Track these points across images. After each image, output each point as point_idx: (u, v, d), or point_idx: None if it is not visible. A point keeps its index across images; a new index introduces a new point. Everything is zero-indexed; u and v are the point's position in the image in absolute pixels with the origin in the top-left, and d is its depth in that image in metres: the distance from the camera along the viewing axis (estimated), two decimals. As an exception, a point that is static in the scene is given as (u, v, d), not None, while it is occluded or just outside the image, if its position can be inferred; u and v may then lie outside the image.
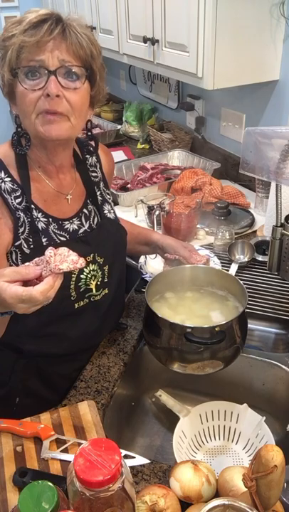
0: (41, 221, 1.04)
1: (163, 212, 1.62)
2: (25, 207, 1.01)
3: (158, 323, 1.03)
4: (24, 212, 1.01)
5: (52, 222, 1.05)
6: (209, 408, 1.09)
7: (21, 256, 1.01)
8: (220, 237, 1.61)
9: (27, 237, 1.01)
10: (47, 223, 1.05)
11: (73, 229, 1.09)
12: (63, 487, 0.76)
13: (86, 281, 1.08)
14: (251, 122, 1.97)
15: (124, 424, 1.20)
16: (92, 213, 1.14)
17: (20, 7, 3.50)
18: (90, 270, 1.09)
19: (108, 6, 2.15)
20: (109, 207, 1.19)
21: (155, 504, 0.79)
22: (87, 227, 1.11)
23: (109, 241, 1.14)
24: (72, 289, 1.06)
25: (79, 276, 1.07)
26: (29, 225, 1.01)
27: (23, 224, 1.01)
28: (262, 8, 1.57)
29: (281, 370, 1.18)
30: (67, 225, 1.08)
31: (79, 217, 1.11)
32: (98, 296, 1.13)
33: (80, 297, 1.09)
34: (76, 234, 1.09)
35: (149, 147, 2.67)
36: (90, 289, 1.10)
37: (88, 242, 1.09)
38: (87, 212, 1.13)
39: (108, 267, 1.13)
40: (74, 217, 1.10)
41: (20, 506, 0.63)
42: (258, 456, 0.68)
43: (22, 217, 1.01)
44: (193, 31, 1.55)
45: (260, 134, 1.06)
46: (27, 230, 1.01)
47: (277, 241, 1.19)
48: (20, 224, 1.00)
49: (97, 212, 1.14)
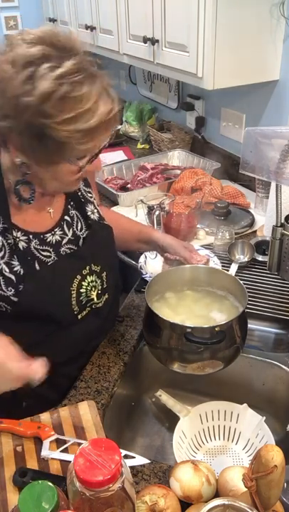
0: (21, 240, 1.00)
1: (163, 212, 1.62)
2: (3, 228, 0.96)
3: (158, 323, 1.03)
4: (2, 235, 0.96)
5: (33, 239, 1.01)
6: (209, 408, 1.09)
7: (4, 281, 0.97)
8: (220, 237, 1.61)
9: (8, 261, 0.98)
10: (28, 241, 1.01)
11: (56, 240, 1.05)
12: (63, 487, 0.76)
13: (86, 293, 1.08)
14: (251, 122, 1.97)
15: (124, 424, 1.20)
16: (75, 218, 1.10)
17: (20, 7, 3.50)
18: (89, 282, 1.08)
19: (108, 6, 2.15)
20: (92, 207, 1.15)
21: (155, 504, 0.79)
22: (70, 236, 1.08)
23: (103, 246, 1.13)
24: (73, 304, 1.06)
25: (79, 291, 1.06)
26: (9, 247, 0.97)
27: (3, 248, 0.97)
28: (262, 8, 1.57)
29: (281, 370, 1.18)
30: (50, 238, 1.04)
31: (61, 227, 1.07)
32: (100, 303, 1.12)
33: (82, 309, 1.08)
34: (59, 246, 1.06)
35: (149, 147, 2.67)
36: (91, 299, 1.09)
37: (82, 255, 1.07)
38: (69, 219, 1.09)
39: (106, 272, 1.12)
40: (56, 228, 1.06)
41: (20, 506, 0.63)
42: (258, 456, 0.68)
43: (0, 241, 0.96)
44: (193, 31, 1.55)
45: (260, 134, 1.06)
46: (7, 254, 0.97)
47: (277, 241, 1.19)
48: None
49: (80, 216, 1.11)
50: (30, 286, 0.99)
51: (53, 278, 1.02)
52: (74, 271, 1.05)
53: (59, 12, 2.89)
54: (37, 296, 1.00)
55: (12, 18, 3.51)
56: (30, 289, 0.98)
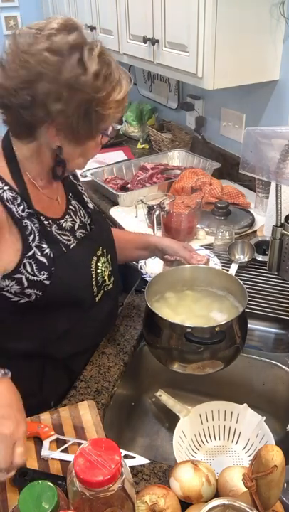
0: (45, 225, 1.04)
1: (163, 212, 1.62)
2: (28, 214, 1.00)
3: (158, 323, 1.03)
4: (29, 220, 1.00)
5: (52, 224, 1.06)
6: (209, 408, 1.09)
7: (36, 265, 1.00)
8: (220, 237, 1.61)
9: (39, 244, 1.01)
10: (50, 226, 1.05)
11: (69, 226, 1.11)
12: (63, 487, 0.76)
13: (102, 274, 1.13)
14: (251, 122, 1.97)
15: (124, 424, 1.20)
16: (77, 208, 1.17)
17: (20, 7, 3.51)
18: (103, 263, 1.13)
19: (108, 6, 2.15)
20: (86, 197, 1.22)
21: (155, 504, 0.79)
22: (79, 222, 1.14)
23: (105, 232, 1.20)
24: (93, 285, 1.10)
25: (96, 272, 1.10)
26: (38, 231, 1.01)
27: (32, 231, 1.00)
28: (262, 8, 1.57)
29: (281, 370, 1.18)
30: (64, 224, 1.10)
31: (69, 215, 1.13)
32: (110, 284, 1.17)
33: (98, 290, 1.13)
34: (74, 230, 1.11)
35: (149, 147, 2.67)
36: (104, 280, 1.14)
37: (94, 238, 1.14)
38: (73, 208, 1.16)
39: (110, 254, 1.18)
40: (65, 215, 1.12)
41: (20, 506, 0.63)
42: (258, 456, 0.68)
43: (29, 225, 1.00)
44: (193, 31, 1.55)
45: (260, 134, 1.06)
46: (37, 237, 1.01)
47: (277, 241, 1.19)
48: (29, 232, 1.00)
49: (80, 206, 1.18)
50: (61, 268, 1.03)
51: (76, 260, 1.07)
52: (91, 252, 1.11)
53: (59, 12, 2.89)
54: (66, 278, 1.04)
55: (12, 18, 3.51)
56: (61, 271, 1.03)
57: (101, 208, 1.99)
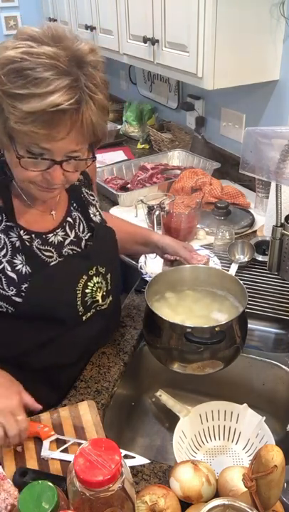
0: (24, 240, 0.99)
1: (163, 212, 1.62)
2: (5, 227, 0.97)
3: (158, 323, 1.03)
4: (5, 233, 0.97)
5: (35, 239, 1.01)
6: (209, 408, 1.09)
7: (6, 280, 0.97)
8: (220, 237, 1.61)
9: (10, 259, 0.98)
10: (30, 240, 1.00)
11: (58, 241, 1.05)
12: (63, 487, 0.76)
13: (92, 294, 1.07)
14: (251, 122, 1.97)
15: (124, 424, 1.20)
16: (77, 220, 1.10)
17: (20, 7, 3.50)
18: (95, 283, 1.07)
19: (108, 6, 2.15)
20: (94, 209, 1.16)
21: (155, 504, 0.79)
22: (72, 237, 1.08)
23: (107, 248, 1.13)
24: (78, 305, 1.05)
25: (84, 292, 1.05)
26: (11, 245, 0.97)
27: (5, 246, 0.97)
28: (262, 8, 1.57)
29: (281, 370, 1.18)
30: (52, 238, 1.04)
31: (63, 228, 1.07)
32: (104, 305, 1.12)
33: (87, 310, 1.08)
34: (62, 246, 1.05)
35: (149, 147, 2.67)
36: (96, 300, 1.09)
37: (89, 256, 1.07)
38: (72, 221, 1.09)
39: (110, 274, 1.12)
40: (58, 229, 1.06)
41: (20, 506, 0.63)
42: (258, 456, 0.68)
43: (2, 239, 0.97)
44: (193, 31, 1.55)
45: (260, 134, 1.06)
46: (9, 252, 0.98)
47: (277, 241, 1.19)
48: (1, 246, 0.97)
49: (82, 218, 1.11)
50: (33, 286, 0.98)
51: (56, 278, 1.02)
52: (80, 271, 1.05)
53: (59, 12, 2.89)
54: (40, 295, 0.99)
55: (12, 18, 3.51)
56: (33, 288, 0.98)
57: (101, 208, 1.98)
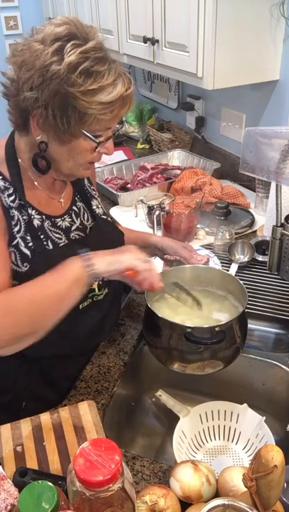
0: (36, 218, 1.04)
1: (163, 212, 1.62)
2: (19, 205, 1.00)
3: (158, 323, 1.03)
4: (18, 211, 1.00)
5: (46, 220, 1.06)
6: (209, 408, 1.09)
7: (20, 256, 1.00)
8: (220, 237, 1.61)
9: (24, 236, 1.01)
10: (41, 220, 1.05)
11: (66, 226, 1.10)
12: (63, 487, 0.76)
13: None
14: (251, 122, 1.97)
15: (124, 424, 1.20)
16: (82, 210, 1.16)
17: (20, 7, 3.51)
18: None
19: (108, 6, 2.15)
20: (97, 202, 1.21)
21: (155, 504, 0.79)
22: (78, 224, 1.13)
23: (106, 241, 1.15)
24: None
25: None
26: (25, 223, 1.01)
27: (18, 222, 1.01)
28: (262, 8, 1.57)
29: (281, 370, 1.18)
30: (60, 222, 1.09)
31: (70, 215, 1.12)
32: (100, 295, 1.14)
33: (83, 297, 1.08)
34: (69, 231, 1.10)
35: (149, 147, 2.67)
36: (92, 289, 1.11)
37: (87, 243, 1.10)
38: (77, 209, 1.14)
39: None
40: (65, 215, 1.11)
41: (20, 506, 0.63)
42: (258, 456, 0.68)
43: (16, 216, 1.00)
44: (193, 31, 1.55)
45: (260, 134, 1.06)
46: (23, 229, 1.01)
47: (277, 241, 1.19)
48: (15, 223, 1.00)
49: (86, 208, 1.17)
50: (41, 263, 1.01)
51: (62, 259, 1.03)
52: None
53: (59, 12, 2.89)
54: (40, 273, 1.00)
55: (12, 18, 3.51)
56: (40, 265, 1.00)
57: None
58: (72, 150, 0.97)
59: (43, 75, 0.88)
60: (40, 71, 0.88)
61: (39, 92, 0.89)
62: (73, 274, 0.94)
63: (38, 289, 0.94)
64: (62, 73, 0.87)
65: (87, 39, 0.90)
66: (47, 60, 0.87)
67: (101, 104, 0.90)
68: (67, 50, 0.87)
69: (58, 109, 0.90)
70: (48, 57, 0.87)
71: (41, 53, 0.88)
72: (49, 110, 0.90)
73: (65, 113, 0.90)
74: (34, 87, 0.89)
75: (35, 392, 1.14)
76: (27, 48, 0.90)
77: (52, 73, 0.87)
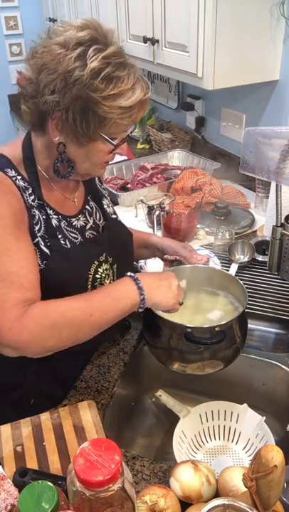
0: (54, 218, 1.05)
1: (163, 212, 1.62)
2: (38, 204, 1.02)
3: (158, 323, 1.03)
4: (38, 210, 1.02)
5: (62, 219, 1.07)
6: (209, 408, 1.09)
7: (40, 255, 1.01)
8: (220, 237, 1.61)
9: (43, 235, 1.02)
10: (58, 220, 1.06)
11: (80, 225, 1.11)
12: (63, 487, 0.76)
13: (101, 280, 1.10)
14: (251, 122, 1.97)
15: (124, 424, 1.20)
16: (94, 209, 1.17)
17: (20, 7, 3.51)
18: (104, 269, 1.11)
19: (108, 6, 2.15)
20: (107, 201, 1.22)
21: (155, 504, 0.79)
22: (92, 223, 1.14)
23: (117, 241, 1.17)
24: (88, 289, 1.08)
25: (95, 276, 1.09)
26: (44, 222, 1.02)
27: (39, 222, 1.02)
28: (262, 8, 1.58)
29: (281, 370, 1.18)
30: (75, 222, 1.10)
31: (84, 214, 1.13)
32: None
33: None
34: (84, 230, 1.12)
35: (149, 147, 2.67)
36: None
37: (100, 242, 1.12)
38: (90, 209, 1.16)
39: (116, 266, 1.15)
40: (79, 214, 1.12)
41: (20, 506, 0.63)
42: (258, 456, 0.68)
43: (37, 215, 1.02)
44: (193, 31, 1.55)
45: (260, 134, 1.06)
46: (43, 228, 1.02)
47: (277, 241, 1.19)
48: (36, 222, 1.01)
49: (98, 207, 1.18)
50: (58, 261, 1.02)
51: (78, 258, 1.07)
52: (93, 255, 1.10)
53: (59, 12, 2.89)
54: (60, 273, 1.03)
55: (12, 18, 3.51)
56: (57, 264, 1.02)
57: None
58: (90, 152, 0.99)
59: (66, 80, 0.89)
60: (62, 75, 0.89)
61: (61, 96, 0.90)
62: (132, 304, 0.97)
63: (99, 314, 0.95)
64: (85, 79, 0.88)
65: (106, 43, 0.92)
66: (70, 65, 0.88)
67: (120, 109, 0.92)
68: (89, 55, 0.89)
69: (78, 113, 0.91)
70: (72, 63, 0.89)
71: (64, 58, 0.89)
72: (69, 114, 0.91)
73: (85, 117, 0.92)
74: (56, 91, 0.90)
75: (44, 389, 1.14)
76: (48, 51, 0.91)
77: (75, 78, 0.88)
